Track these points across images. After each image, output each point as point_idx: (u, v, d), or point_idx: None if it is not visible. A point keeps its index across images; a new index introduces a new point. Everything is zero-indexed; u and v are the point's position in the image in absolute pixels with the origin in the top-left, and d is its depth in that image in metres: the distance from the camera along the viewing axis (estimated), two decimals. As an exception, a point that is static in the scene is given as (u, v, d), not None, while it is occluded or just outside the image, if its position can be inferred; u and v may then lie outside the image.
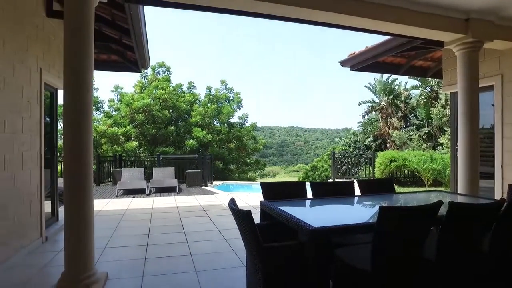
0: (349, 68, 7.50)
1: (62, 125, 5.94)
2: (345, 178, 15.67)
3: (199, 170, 12.37)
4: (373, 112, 22.13)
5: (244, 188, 15.02)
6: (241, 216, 2.16)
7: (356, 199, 3.46)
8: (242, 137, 19.78)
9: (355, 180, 3.94)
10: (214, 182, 13.40)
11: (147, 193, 10.14)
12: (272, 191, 3.39)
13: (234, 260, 4.03)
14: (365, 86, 22.13)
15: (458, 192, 4.85)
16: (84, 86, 3.18)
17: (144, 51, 6.38)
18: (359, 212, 3.05)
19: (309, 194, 3.59)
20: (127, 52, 6.99)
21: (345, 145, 30.74)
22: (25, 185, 4.20)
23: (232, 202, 2.45)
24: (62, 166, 9.39)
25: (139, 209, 7.56)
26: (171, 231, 5.48)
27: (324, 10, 4.05)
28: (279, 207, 2.63)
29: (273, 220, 2.74)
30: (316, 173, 44.20)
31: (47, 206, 5.23)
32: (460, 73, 4.89)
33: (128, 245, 4.72)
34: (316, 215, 2.82)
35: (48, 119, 5.46)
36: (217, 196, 9.63)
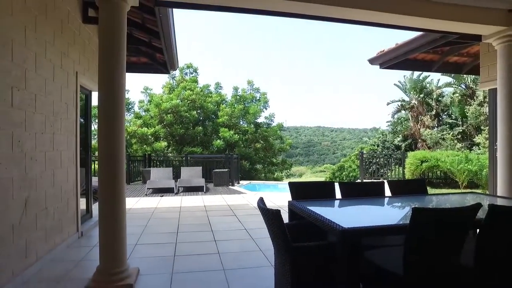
0: (378, 66, 7.31)
1: (95, 126, 6.18)
2: (374, 179, 15.30)
3: (226, 169, 12.49)
4: (403, 111, 21.44)
5: (270, 187, 15.02)
6: (271, 215, 2.16)
7: (386, 200, 3.37)
8: (269, 137, 19.78)
9: (385, 181, 3.83)
10: (241, 182, 13.49)
11: (175, 192, 10.37)
12: (300, 191, 3.36)
13: (261, 259, 4.04)
14: (395, 85, 21.51)
15: (498, 194, 4.60)
16: (118, 88, 3.30)
17: (173, 53, 6.53)
18: (390, 213, 2.96)
19: (338, 195, 3.53)
20: (156, 54, 7.18)
21: (374, 145, 29.98)
22: (63, 183, 4.41)
23: (261, 201, 2.46)
24: (96, 165, 9.75)
25: (167, 208, 7.74)
26: (199, 229, 5.57)
27: (354, 8, 3.97)
28: (308, 207, 2.60)
29: (302, 220, 2.72)
30: (344, 173, 43.45)
31: (82, 203, 5.47)
32: (501, 68, 4.63)
33: (157, 242, 4.84)
34: (346, 215, 2.77)
35: (82, 120, 5.71)
36: (244, 196, 9.69)
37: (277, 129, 20.59)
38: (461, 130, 17.67)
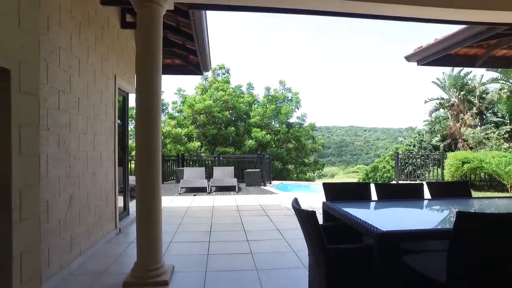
0: (415, 63, 7.02)
1: (132, 127, 6.38)
2: (409, 180, 14.73)
3: (258, 170, 12.52)
4: (442, 110, 20.40)
5: (302, 188, 14.88)
6: (305, 216, 2.13)
7: (426, 202, 3.22)
8: (301, 137, 19.61)
9: (424, 182, 3.66)
10: (273, 182, 13.47)
11: (207, 191, 10.54)
12: (334, 192, 3.29)
13: (294, 260, 4.01)
14: (433, 82, 20.52)
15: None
16: (154, 90, 3.40)
17: (206, 54, 6.64)
18: (431, 216, 2.83)
19: (374, 196, 3.43)
20: (190, 56, 7.33)
21: (409, 145, 28.77)
22: (103, 181, 4.62)
23: (295, 202, 2.43)
24: (132, 164, 10.06)
25: (200, 207, 7.88)
26: (232, 229, 5.63)
27: (393, 3, 3.84)
28: (343, 209, 2.54)
29: (336, 222, 2.66)
30: (378, 174, 42.14)
31: (120, 201, 5.70)
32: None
33: (191, 240, 4.94)
34: (383, 218, 2.67)
35: (120, 121, 5.95)
36: (276, 196, 9.67)
37: (309, 129, 20.37)
38: (509, 129, 16.54)
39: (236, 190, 10.71)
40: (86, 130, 4.04)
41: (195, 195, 9.99)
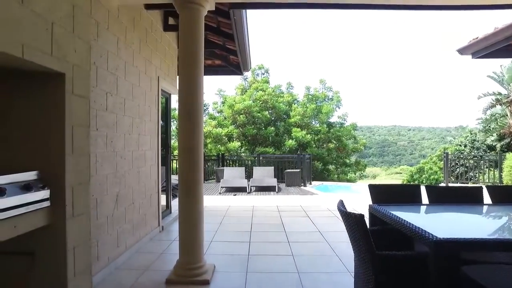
0: (470, 56, 6.53)
1: (174, 127, 6.56)
2: (460, 182, 13.81)
3: (298, 170, 12.39)
4: (498, 106, 18.86)
5: (343, 189, 14.48)
6: (353, 220, 2.04)
7: (486, 208, 2.96)
8: (342, 137, 19.13)
9: (483, 186, 3.37)
10: (313, 183, 13.28)
11: (247, 191, 10.60)
12: (381, 194, 3.14)
13: (337, 264, 3.89)
14: (488, 76, 19.06)
15: None
16: (196, 91, 3.45)
17: (246, 54, 6.67)
18: (494, 224, 2.58)
19: (424, 199, 3.22)
20: (230, 56, 7.41)
21: (460, 145, 27.04)
22: (147, 180, 4.80)
23: (341, 204, 2.34)
24: (175, 164, 10.35)
25: (240, 207, 7.94)
26: (272, 230, 5.59)
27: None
28: (392, 212, 2.40)
29: (384, 226, 2.53)
30: (423, 175, 40.05)
31: (162, 199, 5.89)
32: None
33: (232, 240, 4.97)
34: (438, 224, 2.48)
35: (162, 122, 6.15)
36: (316, 197, 9.49)
37: (350, 129, 19.81)
38: None
39: (276, 190, 10.67)
40: (131, 130, 4.22)
41: (235, 195, 10.09)
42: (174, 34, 6.11)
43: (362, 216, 1.97)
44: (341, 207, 2.30)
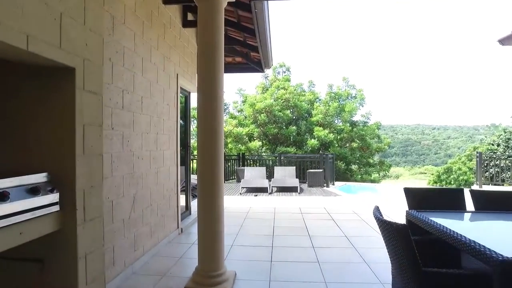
0: (511, 48, 6.06)
1: (194, 126, 6.44)
2: (492, 184, 13.05)
3: (321, 170, 12.06)
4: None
5: (367, 189, 14.01)
6: (394, 231, 1.78)
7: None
8: (366, 136, 18.56)
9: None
10: (336, 183, 12.90)
11: (269, 192, 10.38)
12: (419, 199, 2.85)
13: (367, 274, 3.60)
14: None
15: None
16: (216, 89, 3.26)
17: (268, 50, 6.45)
18: None
19: (468, 205, 2.90)
20: (251, 52, 7.22)
21: (492, 144, 25.89)
22: (165, 181, 4.66)
23: (377, 210, 2.09)
24: (194, 163, 10.28)
25: (262, 208, 7.73)
26: (296, 233, 5.35)
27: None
28: (435, 220, 2.12)
29: (425, 236, 2.25)
30: (451, 176, 38.64)
31: (181, 200, 5.75)
32: None
33: (253, 244, 4.77)
34: (498, 237, 2.11)
35: (182, 121, 6.03)
36: (340, 199, 9.16)
37: (375, 128, 19.22)
38: None
39: (298, 191, 10.39)
40: (149, 130, 4.09)
41: (256, 196, 9.90)
42: (193, 30, 5.97)
43: (405, 227, 1.71)
44: (378, 214, 2.05)
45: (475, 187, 11.44)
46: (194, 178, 11.84)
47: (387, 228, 1.86)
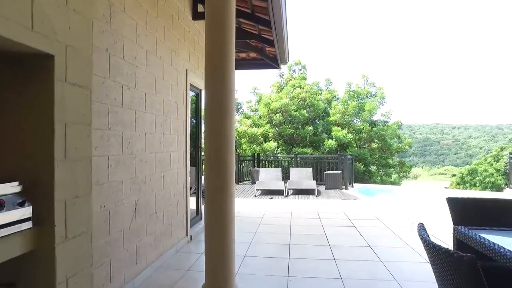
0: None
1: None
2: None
3: (339, 171, 11.54)
4: None
5: (387, 192, 13.40)
6: (455, 262, 1.34)
7: None
8: (386, 136, 17.84)
9: None
10: (355, 185, 12.36)
11: (284, 194, 9.95)
12: (468, 212, 2.38)
13: (399, 295, 3.15)
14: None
15: None
16: (225, 86, 2.87)
17: (284, 43, 6.04)
18: None
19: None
20: (266, 47, 6.82)
21: (523, 144, 24.78)
22: (173, 185, 4.32)
23: (423, 229, 1.65)
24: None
25: (277, 213, 7.31)
26: (314, 242, 4.92)
27: None
28: (504, 248, 1.66)
29: (484, 263, 1.79)
30: (477, 178, 37.26)
31: (192, 203, 5.40)
32: None
33: (268, 255, 4.36)
34: None
35: (193, 120, 5.68)
36: (361, 202, 8.64)
37: (395, 128, 18.47)
38: None
39: (316, 194, 9.92)
40: (154, 130, 3.74)
41: (272, 198, 9.49)
42: (204, 23, 5.61)
43: (473, 260, 1.27)
44: (425, 235, 1.61)
45: (508, 191, 10.68)
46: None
47: (443, 257, 1.43)
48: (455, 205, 2.42)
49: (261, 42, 6.35)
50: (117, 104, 2.96)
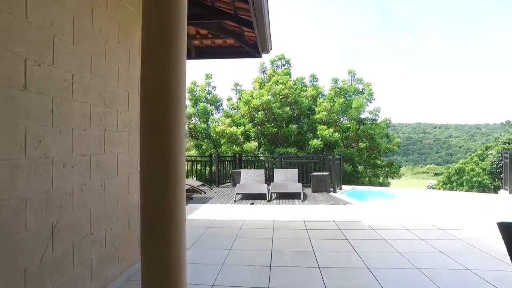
0: None
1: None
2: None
3: (326, 173, 10.83)
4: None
5: (379, 195, 12.79)
6: None
7: None
8: (375, 135, 17.27)
9: None
10: (343, 187, 11.69)
11: (267, 199, 9.14)
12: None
13: None
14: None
15: None
16: (174, 80, 2.07)
17: (265, 25, 5.22)
18: None
19: None
20: (245, 32, 6.01)
21: (508, 143, 24.91)
22: (121, 195, 3.43)
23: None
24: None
25: (258, 222, 6.51)
26: (301, 263, 4.12)
27: None
28: None
29: None
30: (464, 177, 37.38)
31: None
32: None
33: (242, 284, 3.53)
34: None
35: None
36: (352, 208, 7.92)
37: (384, 126, 17.94)
38: None
39: (301, 198, 9.15)
40: (88, 124, 2.86)
41: (253, 204, 8.69)
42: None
43: None
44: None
45: (503, 192, 10.22)
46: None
47: None
48: (508, 233, 1.67)
49: (238, 24, 5.53)
50: (15, 86, 2.07)
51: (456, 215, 6.96)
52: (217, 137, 16.46)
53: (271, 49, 6.63)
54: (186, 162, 14.49)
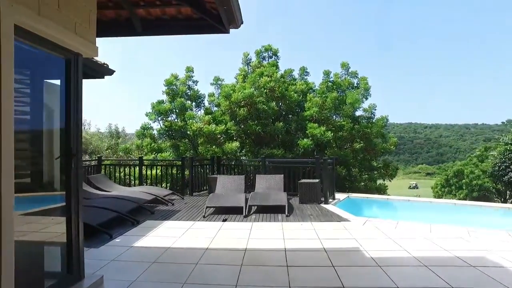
0: None
1: (89, 122, 3.69)
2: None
3: (317, 180, 9.42)
4: None
5: (380, 205, 11.49)
6: None
7: None
8: (371, 134, 15.90)
9: None
10: (337, 196, 10.33)
11: (244, 213, 7.67)
12: None
13: None
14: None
15: None
16: None
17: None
18: None
19: None
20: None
21: (510, 144, 24.06)
22: None
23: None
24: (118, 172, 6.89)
25: (224, 252, 5.05)
26: None
27: None
28: None
29: None
30: (463, 180, 36.24)
31: (52, 254, 3.04)
32: None
33: None
34: None
35: (50, 107, 3.33)
36: (347, 227, 6.50)
37: (381, 125, 16.59)
38: None
39: (286, 212, 7.71)
40: None
41: (225, 220, 7.24)
42: None
43: None
44: None
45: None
46: (133, 192, 9.02)
47: None
48: None
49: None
50: None
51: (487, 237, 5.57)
52: (194, 136, 14.92)
53: (241, 22, 5.16)
54: (159, 167, 12.84)
